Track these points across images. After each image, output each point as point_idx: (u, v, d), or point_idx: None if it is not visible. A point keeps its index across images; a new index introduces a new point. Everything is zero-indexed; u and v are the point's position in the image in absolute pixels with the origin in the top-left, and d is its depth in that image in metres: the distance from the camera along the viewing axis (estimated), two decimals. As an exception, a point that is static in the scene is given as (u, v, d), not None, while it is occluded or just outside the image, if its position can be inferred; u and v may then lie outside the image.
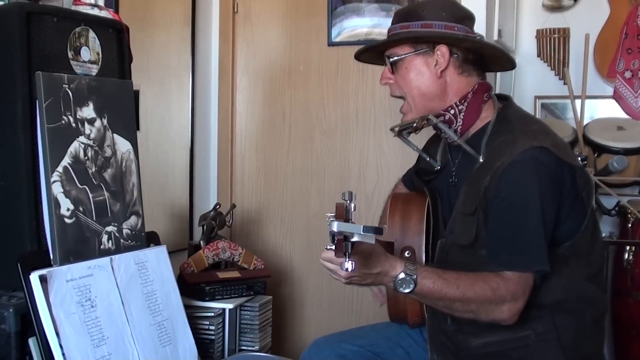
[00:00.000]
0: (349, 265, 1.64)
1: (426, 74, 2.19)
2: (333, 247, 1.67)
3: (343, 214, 1.72)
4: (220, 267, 3.03)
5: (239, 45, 3.80)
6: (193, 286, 2.79)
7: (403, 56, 2.21)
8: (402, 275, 1.90)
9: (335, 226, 1.65)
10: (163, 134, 3.37)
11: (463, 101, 2.19)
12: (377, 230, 1.69)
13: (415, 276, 1.90)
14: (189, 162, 3.57)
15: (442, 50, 2.17)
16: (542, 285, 2.02)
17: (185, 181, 3.54)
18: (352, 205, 1.76)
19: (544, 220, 1.96)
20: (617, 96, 3.94)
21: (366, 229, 1.66)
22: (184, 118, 3.53)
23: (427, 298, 1.99)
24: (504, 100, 2.27)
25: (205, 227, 3.12)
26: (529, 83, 4.12)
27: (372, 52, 2.37)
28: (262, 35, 3.76)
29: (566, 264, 2.05)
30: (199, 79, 3.65)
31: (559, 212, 2.01)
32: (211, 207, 3.24)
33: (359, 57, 2.44)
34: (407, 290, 1.91)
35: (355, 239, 1.67)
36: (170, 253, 2.42)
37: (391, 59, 2.23)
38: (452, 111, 2.20)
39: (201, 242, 3.07)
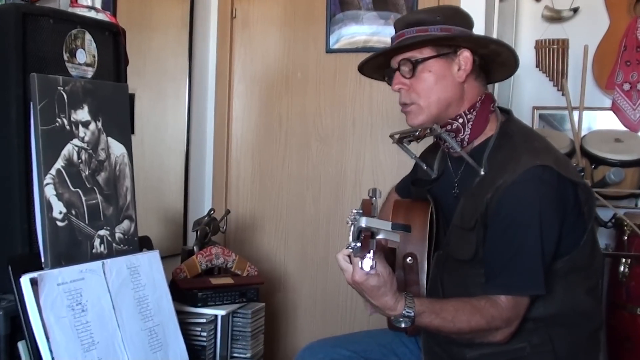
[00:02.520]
0: (370, 263, 1.65)
1: (448, 78, 2.14)
2: (356, 244, 1.68)
3: (370, 210, 1.73)
4: (213, 273, 3.01)
5: (236, 50, 3.80)
6: (185, 292, 2.78)
7: (425, 59, 2.14)
8: (400, 317, 1.91)
9: (364, 222, 1.65)
10: (158, 138, 3.36)
11: (472, 110, 2.16)
12: (406, 228, 1.70)
13: (412, 316, 1.91)
14: (184, 167, 3.56)
15: (466, 54, 2.13)
16: (538, 299, 2.03)
17: (180, 186, 3.54)
18: (378, 202, 1.77)
19: (542, 242, 1.96)
20: (615, 108, 3.95)
21: (395, 226, 1.68)
22: (179, 123, 3.53)
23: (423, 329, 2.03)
24: (506, 114, 2.25)
25: (199, 233, 3.11)
26: (527, 93, 4.12)
27: (378, 60, 2.29)
28: (260, 41, 3.76)
29: (564, 277, 2.05)
30: (195, 84, 3.64)
31: (561, 228, 2.01)
32: (205, 213, 3.24)
33: (362, 68, 2.37)
34: (403, 326, 1.93)
35: (381, 236, 1.68)
36: (163, 258, 2.41)
37: (412, 60, 2.14)
38: (461, 120, 2.17)
39: (194, 247, 3.06)
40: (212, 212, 3.19)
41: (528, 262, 1.97)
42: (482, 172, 2.10)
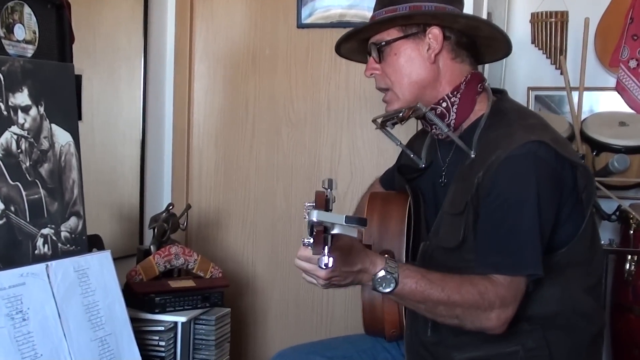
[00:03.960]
0: (328, 260, 1.64)
1: (417, 59, 2.20)
2: (311, 240, 1.67)
3: (323, 204, 1.72)
4: (173, 275, 3.01)
5: (197, 26, 3.78)
6: (141, 297, 2.77)
7: (391, 41, 2.21)
8: (382, 273, 1.90)
9: (315, 215, 1.64)
10: (110, 125, 3.34)
11: (456, 92, 2.20)
12: (361, 221, 1.69)
13: (396, 274, 1.90)
14: (139, 157, 3.55)
15: (434, 32, 2.18)
16: (534, 295, 2.04)
17: (135, 178, 3.52)
18: (333, 194, 1.76)
19: (540, 221, 1.97)
20: (619, 88, 3.97)
21: (349, 220, 1.66)
22: (134, 107, 3.51)
23: (408, 299, 1.99)
24: (499, 93, 2.28)
25: (156, 230, 3.10)
26: (521, 73, 4.14)
27: (355, 42, 2.37)
28: (224, 15, 3.75)
29: (562, 273, 2.07)
30: (151, 63, 3.62)
31: (558, 214, 2.03)
32: (164, 208, 3.22)
33: (339, 49, 2.44)
34: (387, 290, 1.91)
35: (336, 230, 1.67)
36: (115, 259, 2.41)
37: (377, 45, 2.23)
38: (445, 104, 2.21)
39: (151, 247, 3.05)
40: (171, 207, 3.18)
41: (524, 240, 1.98)
42: (473, 155, 2.13)
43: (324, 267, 1.65)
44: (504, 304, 1.96)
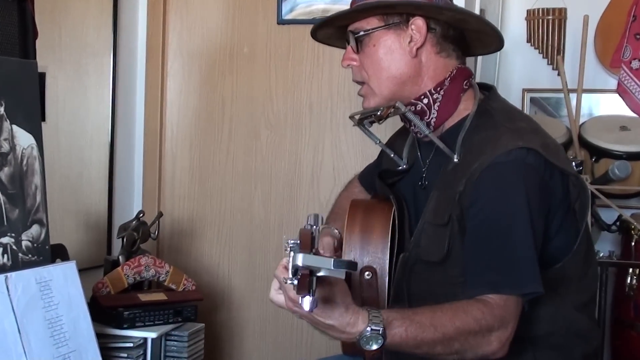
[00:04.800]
0: (312, 305, 1.60)
1: (397, 52, 2.17)
2: (295, 281, 1.63)
3: (309, 244, 1.70)
4: (143, 288, 3.01)
5: (171, 20, 3.78)
6: (108, 311, 2.77)
7: (370, 31, 2.18)
8: (367, 333, 1.81)
9: (301, 259, 1.60)
10: (77, 126, 3.33)
11: (439, 89, 2.18)
12: (351, 266, 1.66)
13: (382, 329, 1.82)
14: (108, 161, 3.54)
15: (418, 23, 2.15)
16: (524, 315, 2.01)
17: (103, 184, 3.51)
18: (318, 231, 1.74)
19: (534, 234, 1.96)
20: (621, 90, 3.97)
21: (337, 264, 1.62)
22: (103, 107, 3.50)
23: (400, 348, 1.91)
24: (487, 90, 2.26)
25: (125, 240, 3.09)
26: (516, 73, 4.16)
27: (332, 28, 2.34)
28: (200, 9, 3.75)
29: (554, 290, 2.05)
30: (121, 60, 3.62)
31: (547, 227, 2.02)
32: (134, 216, 3.21)
33: (315, 34, 2.40)
34: (374, 347, 1.83)
35: (322, 273, 1.63)
36: (81, 270, 2.40)
37: (355, 34, 2.20)
38: (426, 100, 2.18)
39: (120, 257, 3.05)
40: (141, 214, 3.17)
41: (520, 255, 1.95)
42: (456, 159, 2.11)
43: (307, 310, 1.62)
44: (503, 324, 1.92)
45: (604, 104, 4.07)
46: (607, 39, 4.03)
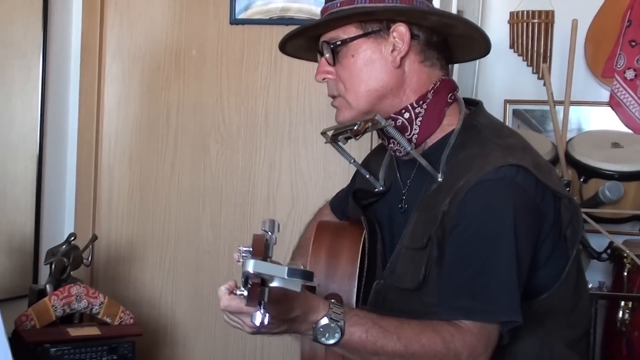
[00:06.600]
0: (263, 318, 1.62)
1: (378, 62, 2.17)
2: (244, 292, 1.65)
3: (262, 250, 1.71)
4: (73, 321, 3.01)
5: (109, 17, 3.77)
6: (33, 347, 2.76)
7: (347, 40, 2.18)
8: (324, 321, 1.86)
9: (252, 266, 1.62)
10: (1, 136, 3.31)
11: (421, 102, 2.19)
12: (307, 275, 1.67)
13: (341, 322, 1.87)
14: (35, 176, 3.53)
15: (400, 29, 2.16)
16: (508, 349, 2.03)
17: (29, 202, 3.50)
18: (274, 238, 1.75)
19: (518, 259, 1.97)
20: (614, 103, 4.02)
21: (292, 272, 1.65)
22: (30, 115, 3.49)
23: (357, 352, 1.95)
24: (473, 106, 2.28)
25: (54, 266, 3.08)
26: (497, 83, 4.19)
27: (302, 39, 2.33)
28: (142, 6, 3.75)
29: (541, 324, 2.08)
30: (52, 63, 3.61)
31: (536, 254, 2.04)
32: (64, 239, 3.20)
33: (284, 47, 2.40)
34: (331, 341, 1.87)
35: (275, 283, 1.65)
36: (2, 301, 2.38)
37: (331, 45, 2.20)
38: (407, 115, 2.19)
39: (47, 286, 3.04)
40: (72, 238, 3.17)
41: (499, 280, 1.97)
42: (440, 179, 2.12)
43: (258, 325, 1.62)
44: (472, 355, 1.94)
45: (594, 118, 4.10)
46: (599, 45, 4.06)
